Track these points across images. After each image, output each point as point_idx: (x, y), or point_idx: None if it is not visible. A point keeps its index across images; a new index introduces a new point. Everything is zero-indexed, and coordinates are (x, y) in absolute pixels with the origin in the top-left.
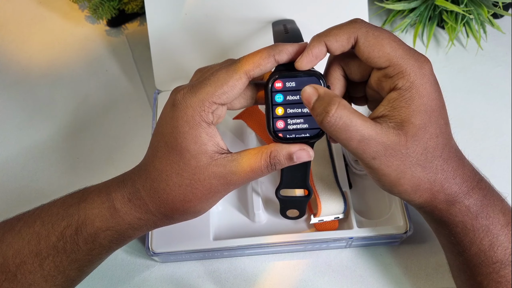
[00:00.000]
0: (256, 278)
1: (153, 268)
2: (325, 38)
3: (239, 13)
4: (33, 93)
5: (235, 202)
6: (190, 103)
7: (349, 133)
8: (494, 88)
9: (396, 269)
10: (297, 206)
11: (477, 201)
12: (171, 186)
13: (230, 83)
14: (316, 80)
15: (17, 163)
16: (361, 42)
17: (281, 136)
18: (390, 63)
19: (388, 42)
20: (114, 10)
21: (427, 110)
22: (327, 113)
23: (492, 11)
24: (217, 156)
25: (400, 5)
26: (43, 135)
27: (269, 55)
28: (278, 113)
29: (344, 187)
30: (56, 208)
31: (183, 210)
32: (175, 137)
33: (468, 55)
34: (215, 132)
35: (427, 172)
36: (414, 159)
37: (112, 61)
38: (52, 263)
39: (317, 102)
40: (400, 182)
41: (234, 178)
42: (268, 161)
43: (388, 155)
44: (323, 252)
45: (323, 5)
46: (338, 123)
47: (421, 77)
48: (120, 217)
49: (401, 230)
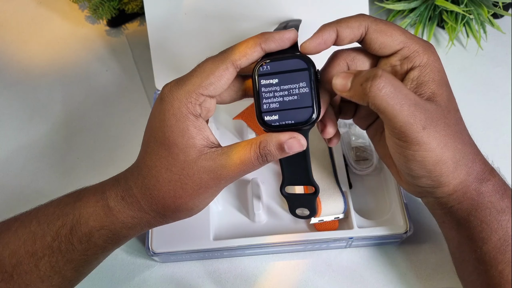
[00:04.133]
0: (256, 278)
1: (153, 268)
2: (337, 25)
3: (239, 13)
4: (33, 93)
5: (235, 202)
6: (177, 96)
7: (402, 97)
8: (494, 88)
9: (396, 269)
10: (305, 205)
11: (500, 180)
12: (161, 182)
13: (217, 73)
14: (304, 63)
15: (17, 163)
16: (372, 29)
17: (271, 124)
18: (404, 44)
19: (396, 27)
20: (114, 10)
21: (447, 84)
22: (375, 78)
23: (492, 11)
24: (207, 150)
25: (400, 5)
26: (43, 135)
27: (255, 44)
28: (267, 99)
29: (344, 187)
30: (53, 207)
31: (175, 207)
32: (163, 131)
33: (468, 55)
34: (204, 125)
35: (463, 145)
36: (453, 130)
37: (112, 61)
38: (48, 263)
39: (356, 79)
40: (443, 158)
41: (224, 172)
42: (258, 152)
43: (434, 125)
44: (323, 252)
45: (324, 5)
46: (388, 87)
47: (432, 54)
48: (113, 216)
49: (401, 230)
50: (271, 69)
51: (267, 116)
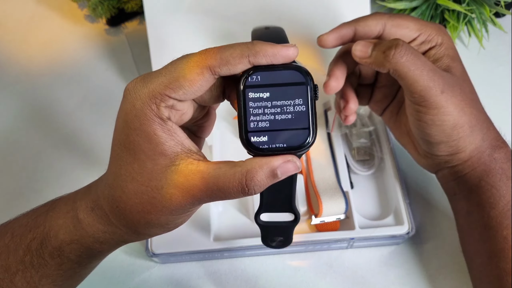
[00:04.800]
0: (257, 279)
1: (153, 269)
2: (355, 24)
3: (240, 12)
4: (32, 92)
5: (235, 202)
6: (139, 95)
7: (421, 63)
8: (495, 87)
9: (398, 270)
10: (282, 233)
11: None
12: (127, 193)
13: (189, 76)
14: (300, 75)
15: (16, 163)
16: (389, 25)
17: (258, 147)
18: (420, 31)
19: (410, 19)
20: (114, 9)
21: (460, 60)
22: (397, 46)
23: (494, 10)
24: (179, 161)
25: (401, 4)
26: (43, 135)
27: (242, 55)
28: (255, 116)
29: (345, 188)
30: (26, 218)
31: (146, 223)
32: (127, 134)
33: (470, 54)
34: (176, 129)
35: (478, 111)
36: (468, 97)
37: (112, 60)
38: (23, 278)
39: (377, 47)
40: (461, 122)
41: (197, 194)
42: (244, 184)
43: (452, 90)
44: (324, 253)
45: (326, 4)
46: (409, 54)
47: (445, 35)
48: (83, 229)
49: (403, 231)
50: (261, 80)
51: (254, 137)
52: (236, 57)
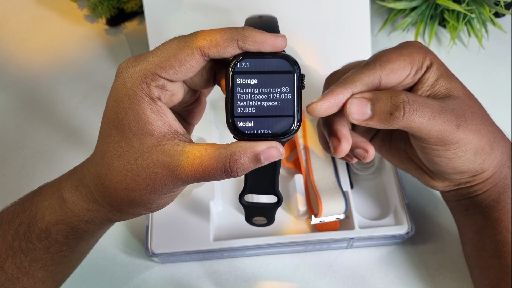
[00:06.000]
0: (257, 279)
1: (153, 269)
2: (350, 86)
3: (240, 11)
4: (32, 92)
5: (235, 202)
6: (131, 73)
7: (430, 112)
8: (495, 87)
9: (398, 270)
10: (265, 214)
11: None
12: (112, 171)
13: (179, 56)
14: (288, 64)
15: (16, 164)
16: (384, 74)
17: (244, 132)
18: (411, 63)
19: (394, 54)
20: (113, 9)
21: (451, 73)
22: (404, 104)
23: (493, 10)
24: (165, 141)
25: (401, 4)
26: (42, 135)
27: (231, 38)
28: (242, 102)
29: (345, 188)
30: (14, 206)
31: (129, 201)
32: (116, 112)
33: (470, 54)
34: (165, 110)
35: (492, 126)
36: (479, 115)
37: (112, 60)
38: (13, 264)
39: (377, 104)
40: (481, 145)
41: (182, 174)
42: (227, 165)
43: (464, 119)
44: (324, 253)
45: (325, 4)
46: (418, 108)
47: (429, 54)
48: (68, 208)
49: (403, 231)
50: (250, 67)
51: (240, 122)
52: (226, 40)
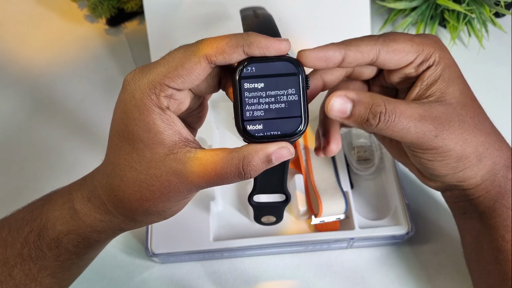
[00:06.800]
0: (257, 279)
1: (153, 269)
2: (346, 47)
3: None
4: (32, 92)
5: (235, 202)
6: (139, 85)
7: (407, 120)
8: (495, 87)
9: (398, 270)
10: (274, 212)
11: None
12: (125, 182)
13: (187, 65)
14: (292, 66)
15: (15, 164)
16: (384, 51)
17: (254, 135)
18: (417, 52)
19: (406, 40)
20: (114, 9)
21: (459, 76)
22: (381, 114)
23: (494, 10)
24: (177, 149)
25: (401, 4)
26: (42, 135)
27: (237, 44)
28: (250, 106)
29: (345, 188)
30: (22, 213)
31: (144, 211)
32: (126, 124)
33: (470, 54)
34: (175, 119)
35: (486, 136)
36: (471, 123)
37: (112, 60)
38: (21, 271)
39: (357, 107)
40: (466, 153)
41: (196, 179)
42: (241, 169)
43: (447, 128)
44: (324, 253)
45: (325, 3)
46: (393, 118)
47: (441, 51)
48: (80, 219)
49: (403, 231)
50: (256, 71)
51: (250, 126)
52: (232, 47)
